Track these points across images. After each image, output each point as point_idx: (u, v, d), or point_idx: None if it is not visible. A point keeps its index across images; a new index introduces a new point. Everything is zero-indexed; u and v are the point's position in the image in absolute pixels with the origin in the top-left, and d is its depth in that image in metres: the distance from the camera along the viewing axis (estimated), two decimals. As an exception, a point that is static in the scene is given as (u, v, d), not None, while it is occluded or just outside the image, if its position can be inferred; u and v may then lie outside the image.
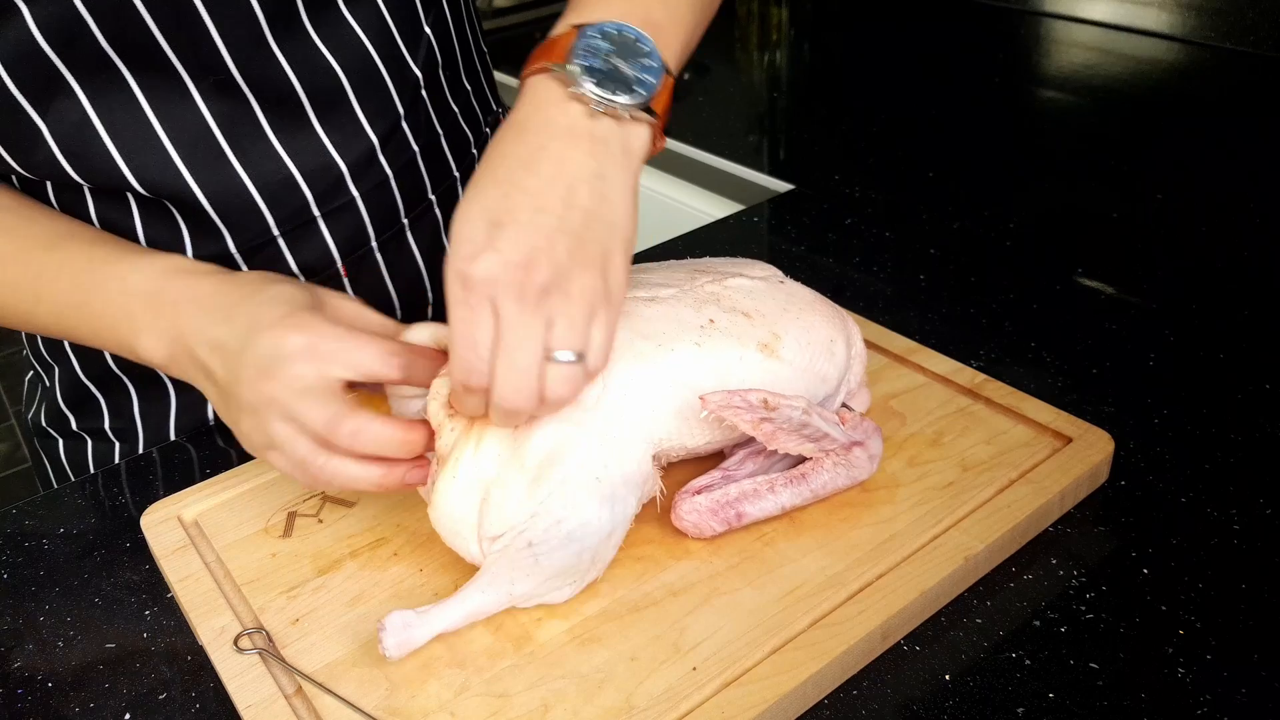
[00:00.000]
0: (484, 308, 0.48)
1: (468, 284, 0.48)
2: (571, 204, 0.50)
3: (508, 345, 0.48)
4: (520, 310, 0.48)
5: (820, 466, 0.59)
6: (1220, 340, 0.77)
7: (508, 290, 0.48)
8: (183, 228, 0.67)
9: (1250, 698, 0.50)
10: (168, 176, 0.64)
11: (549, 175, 0.50)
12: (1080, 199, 1.01)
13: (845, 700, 0.52)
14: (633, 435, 0.55)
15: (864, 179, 1.08)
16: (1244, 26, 1.29)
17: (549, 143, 0.51)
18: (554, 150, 0.51)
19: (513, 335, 0.48)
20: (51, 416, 0.82)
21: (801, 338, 0.60)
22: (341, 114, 0.68)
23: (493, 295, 0.48)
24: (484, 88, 0.85)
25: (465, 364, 0.49)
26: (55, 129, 0.61)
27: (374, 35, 0.69)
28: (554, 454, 0.53)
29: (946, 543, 0.57)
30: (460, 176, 0.80)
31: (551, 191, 0.50)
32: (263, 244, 0.69)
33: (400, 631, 0.51)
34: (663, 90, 0.53)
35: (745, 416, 0.55)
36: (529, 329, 0.48)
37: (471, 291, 0.48)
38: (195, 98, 0.63)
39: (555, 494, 0.52)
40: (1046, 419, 0.65)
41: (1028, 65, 1.40)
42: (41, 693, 0.55)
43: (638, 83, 0.52)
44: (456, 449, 0.54)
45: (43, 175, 0.63)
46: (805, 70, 1.51)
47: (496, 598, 0.53)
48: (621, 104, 0.51)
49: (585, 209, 0.50)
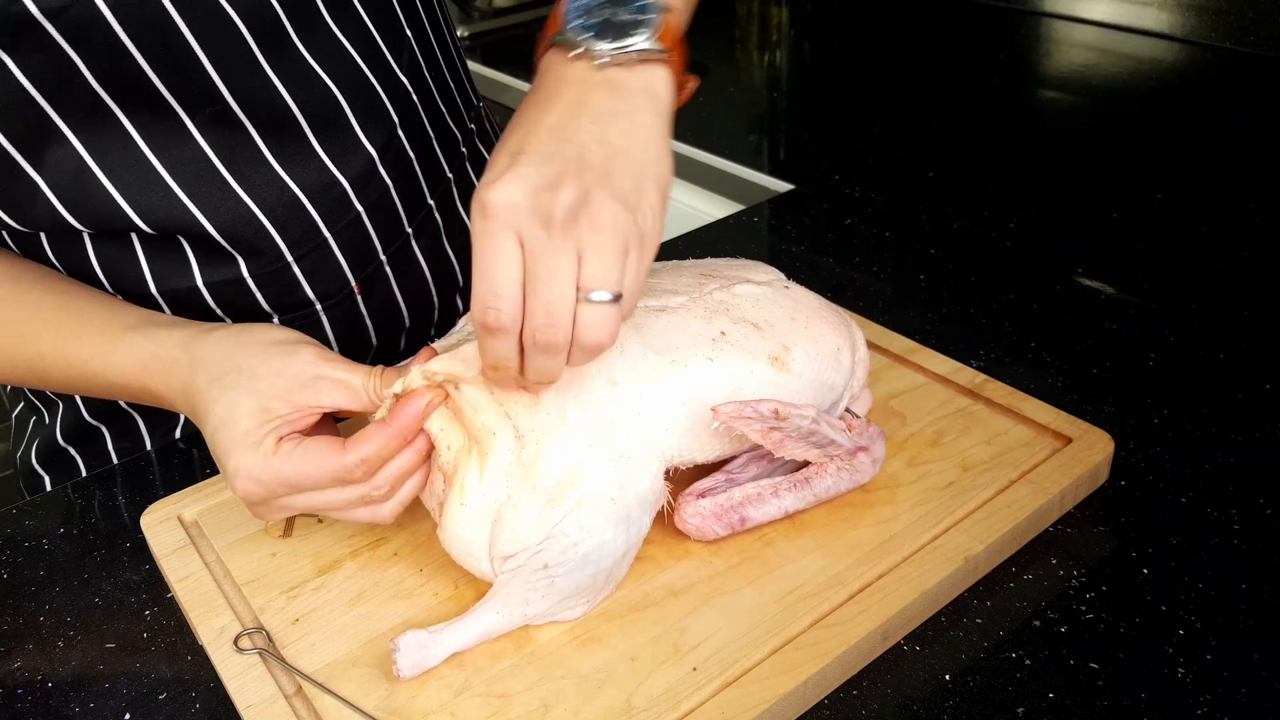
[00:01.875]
0: (507, 237, 0.45)
1: (488, 211, 0.45)
2: (599, 138, 0.47)
3: (537, 278, 0.45)
4: (548, 237, 0.44)
5: (824, 470, 0.59)
6: (1220, 340, 0.77)
7: (532, 216, 0.44)
8: (191, 259, 0.66)
9: (1250, 698, 0.50)
10: (174, 213, 0.63)
11: (570, 113, 0.48)
12: (1080, 199, 1.01)
13: (845, 700, 0.52)
14: (646, 454, 0.55)
15: (864, 179, 1.08)
16: (1244, 26, 1.29)
17: (564, 90, 0.49)
18: (572, 96, 0.49)
19: (542, 266, 0.44)
20: (44, 454, 0.79)
21: (810, 349, 0.60)
22: (339, 130, 0.68)
23: (516, 224, 0.45)
24: (464, 83, 0.84)
25: (484, 300, 0.45)
26: (52, 180, 0.60)
27: (360, 45, 0.68)
28: (568, 476, 0.52)
29: (946, 543, 0.57)
30: (453, 179, 0.80)
31: (574, 125, 0.47)
32: (277, 269, 0.69)
33: (415, 652, 0.51)
34: (667, 27, 0.51)
35: (756, 427, 0.55)
36: (559, 259, 0.44)
37: (493, 219, 0.45)
38: (192, 130, 0.62)
39: (570, 516, 0.52)
40: (1046, 419, 0.65)
41: (1028, 65, 1.40)
42: (41, 693, 0.55)
43: (635, 25, 0.50)
44: (460, 470, 0.53)
45: (42, 228, 0.62)
46: (805, 70, 1.51)
47: (510, 618, 0.53)
48: (625, 48, 0.49)
49: (612, 144, 0.47)
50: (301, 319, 0.71)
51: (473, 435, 0.53)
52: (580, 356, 0.48)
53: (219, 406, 0.55)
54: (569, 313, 0.45)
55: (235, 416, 0.54)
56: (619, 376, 0.55)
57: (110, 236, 0.65)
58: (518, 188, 0.45)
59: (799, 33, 1.63)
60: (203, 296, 0.68)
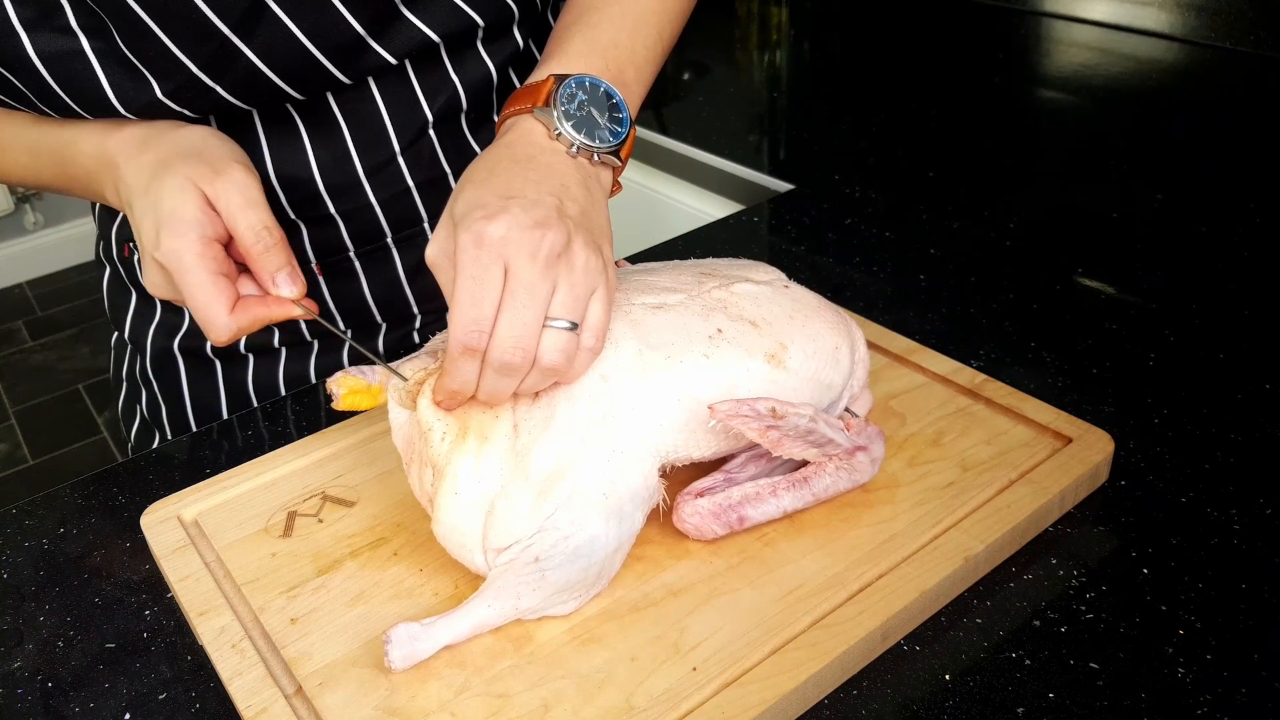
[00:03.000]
0: (496, 266, 0.51)
1: (482, 242, 0.51)
2: (568, 198, 0.55)
3: (515, 300, 0.51)
4: (531, 268, 0.51)
5: (823, 470, 0.59)
6: (1220, 340, 0.77)
7: (521, 249, 0.50)
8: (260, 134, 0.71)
9: (1250, 698, 0.50)
10: None
11: (544, 177, 0.55)
12: (1080, 199, 1.01)
13: (845, 700, 0.52)
14: (640, 450, 0.55)
15: (864, 179, 1.08)
16: (1244, 26, 1.29)
17: (539, 155, 0.57)
18: (544, 160, 0.57)
19: (523, 291, 0.51)
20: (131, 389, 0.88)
21: (808, 347, 0.60)
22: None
23: (506, 254, 0.51)
24: None
25: (469, 321, 0.50)
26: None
27: None
28: (559, 468, 0.52)
29: (946, 543, 0.57)
30: None
31: (549, 185, 0.55)
32: None
33: (406, 644, 0.51)
34: (627, 144, 0.61)
35: (753, 425, 0.55)
36: (536, 288, 0.51)
37: (485, 249, 0.50)
38: None
39: (562, 509, 0.52)
40: (1046, 419, 0.65)
41: (1028, 65, 1.40)
42: (41, 693, 0.55)
43: (611, 132, 0.60)
44: (454, 460, 0.53)
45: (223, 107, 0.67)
46: (805, 70, 1.51)
47: (502, 611, 0.53)
48: (595, 148, 0.58)
49: (579, 205, 0.55)
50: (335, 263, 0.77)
51: (470, 424, 0.53)
52: (535, 380, 0.53)
53: (171, 182, 0.59)
54: (535, 338, 0.51)
55: (180, 204, 0.59)
56: (612, 372, 0.55)
57: None
58: (513, 224, 0.51)
59: (799, 33, 1.63)
60: None
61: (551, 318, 0.52)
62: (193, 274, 0.58)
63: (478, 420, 0.54)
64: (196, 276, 0.58)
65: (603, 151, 0.59)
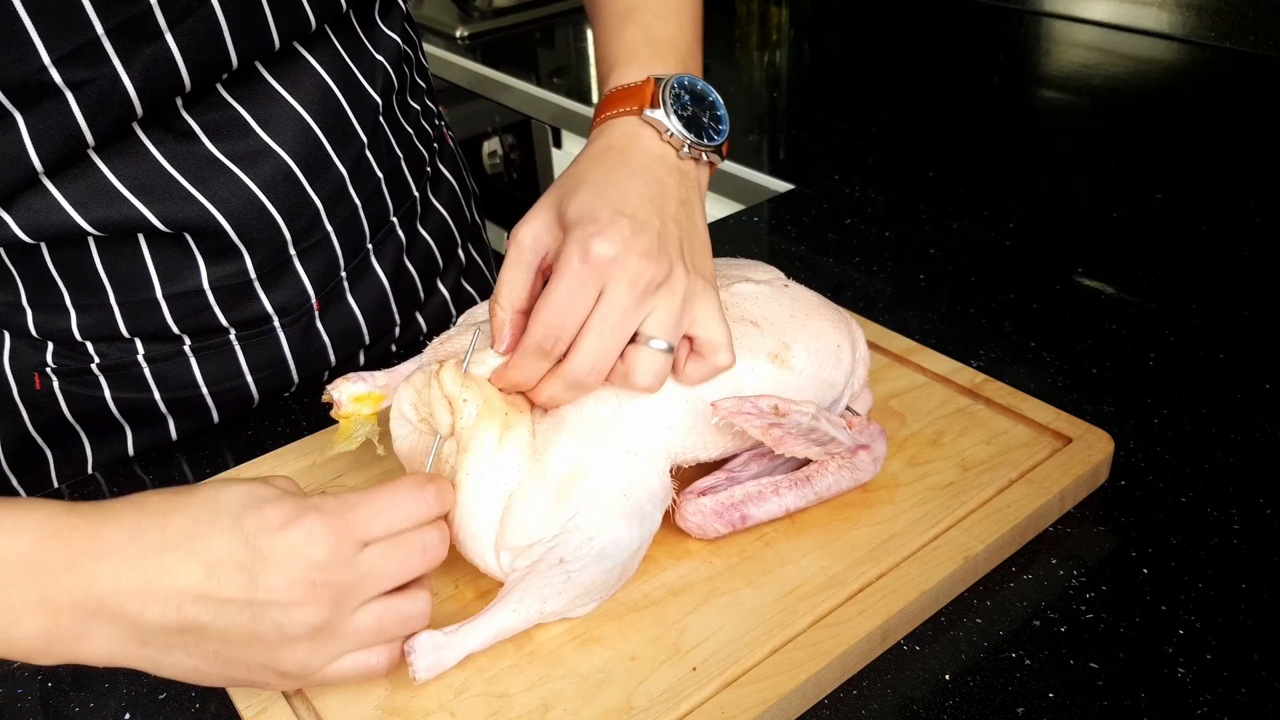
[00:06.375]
0: (595, 284, 0.51)
1: (588, 257, 0.51)
2: (671, 219, 0.55)
3: (605, 322, 0.51)
4: (628, 295, 0.51)
5: (825, 469, 0.59)
6: (1220, 340, 0.77)
7: (623, 275, 0.51)
8: (198, 256, 0.67)
9: (1250, 698, 0.50)
10: (190, 208, 0.64)
11: (655, 193, 0.55)
12: (1080, 199, 1.01)
13: (845, 700, 0.52)
14: (652, 451, 0.55)
15: (864, 179, 1.08)
16: (1244, 26, 1.30)
17: (651, 165, 0.57)
18: (656, 173, 0.56)
19: (615, 315, 0.51)
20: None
21: (810, 345, 0.60)
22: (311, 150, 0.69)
23: (607, 276, 0.51)
24: (428, 105, 0.85)
25: (551, 327, 0.51)
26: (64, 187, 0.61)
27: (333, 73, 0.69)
28: (575, 469, 0.52)
29: (946, 543, 0.57)
30: (418, 197, 0.80)
31: (658, 204, 0.55)
32: (279, 263, 0.69)
33: (430, 654, 0.50)
34: (727, 142, 0.61)
35: (755, 423, 0.55)
36: (628, 315, 0.52)
37: (589, 266, 0.51)
38: (201, 138, 0.64)
39: (583, 511, 0.52)
40: (1046, 419, 0.65)
41: (1028, 65, 1.40)
42: (41, 693, 0.55)
43: (716, 130, 0.59)
44: (479, 435, 0.52)
45: (48, 232, 0.62)
46: (805, 70, 1.51)
47: (527, 615, 0.52)
48: (705, 146, 0.58)
49: (681, 227, 0.55)
50: (260, 334, 0.72)
51: (497, 406, 0.53)
52: (620, 386, 0.54)
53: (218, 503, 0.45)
54: (612, 362, 0.52)
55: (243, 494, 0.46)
56: None
57: (117, 241, 0.65)
58: (624, 248, 0.51)
59: (799, 33, 1.63)
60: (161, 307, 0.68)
61: (650, 337, 0.52)
62: None
63: (504, 406, 0.54)
64: None
65: (709, 150, 0.59)
